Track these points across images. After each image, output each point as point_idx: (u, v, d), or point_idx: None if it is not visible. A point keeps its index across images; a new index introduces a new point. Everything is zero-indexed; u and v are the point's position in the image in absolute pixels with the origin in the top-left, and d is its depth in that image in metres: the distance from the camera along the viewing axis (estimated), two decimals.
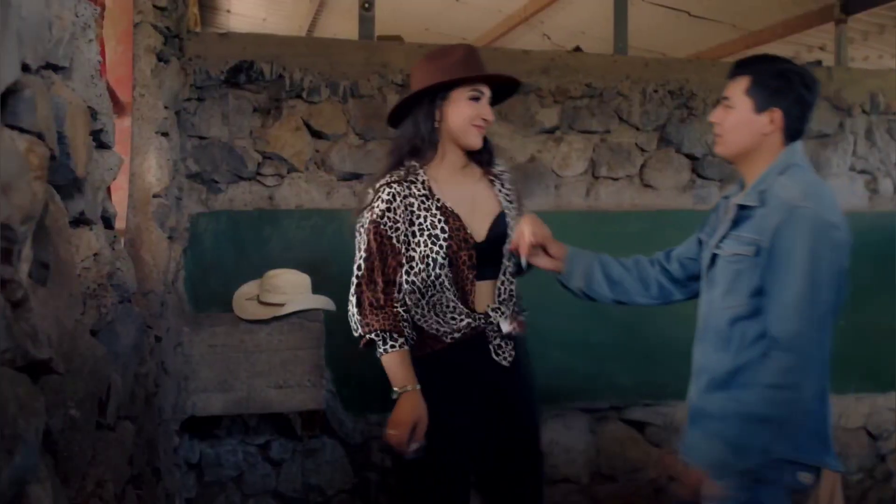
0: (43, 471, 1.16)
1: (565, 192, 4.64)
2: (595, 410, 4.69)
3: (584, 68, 4.62)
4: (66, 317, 1.31)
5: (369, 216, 2.56)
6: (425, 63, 2.63)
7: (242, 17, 8.29)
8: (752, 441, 2.14)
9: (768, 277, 2.18)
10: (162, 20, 3.45)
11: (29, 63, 1.11)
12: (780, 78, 2.30)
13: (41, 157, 1.07)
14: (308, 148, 4.36)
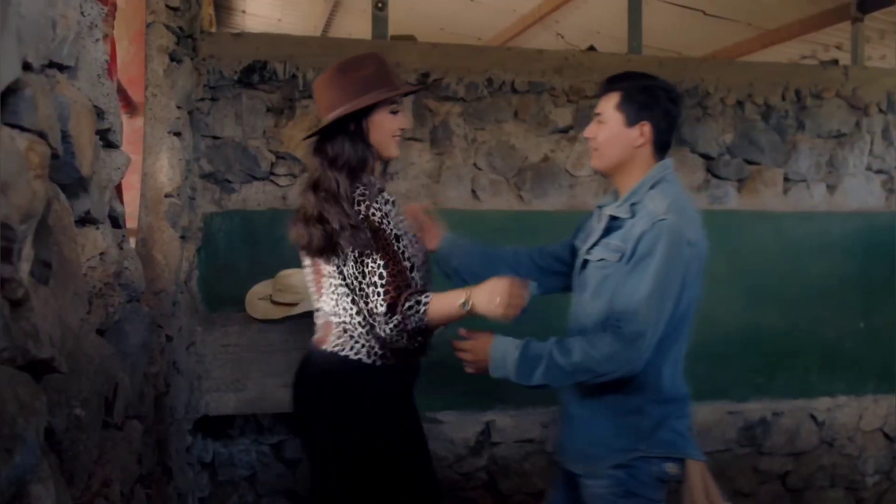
0: (45, 470, 1.15)
1: (579, 191, 4.62)
2: None
3: (598, 68, 4.60)
4: (71, 316, 1.31)
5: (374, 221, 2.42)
6: (339, 77, 2.51)
7: (258, 17, 8.30)
8: (546, 378, 2.35)
9: (624, 276, 2.33)
10: (174, 20, 3.45)
11: (31, 62, 1.11)
12: (648, 93, 2.47)
13: (42, 156, 1.07)
14: None
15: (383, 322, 2.34)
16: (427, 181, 4.46)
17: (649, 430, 2.38)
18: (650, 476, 2.38)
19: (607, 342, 2.26)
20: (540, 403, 4.55)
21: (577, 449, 2.50)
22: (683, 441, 2.43)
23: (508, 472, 4.55)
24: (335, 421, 2.45)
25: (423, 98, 4.45)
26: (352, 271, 2.37)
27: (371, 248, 2.35)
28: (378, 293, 2.34)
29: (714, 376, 4.72)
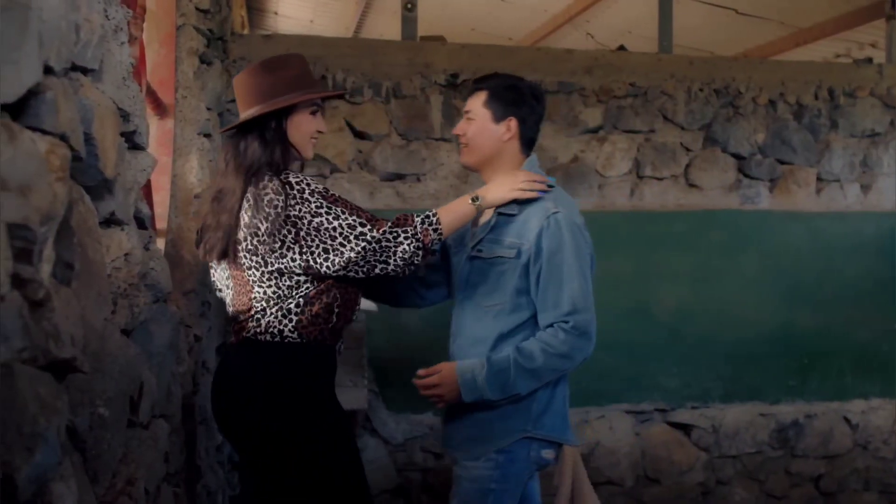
0: (67, 468, 1.17)
1: (609, 192, 4.60)
2: (639, 412, 4.64)
3: (628, 67, 4.59)
4: (94, 316, 1.32)
5: (314, 195, 2.31)
6: (264, 75, 2.45)
7: (290, 19, 8.34)
8: (518, 387, 2.41)
9: (543, 276, 2.43)
10: (204, 23, 3.48)
11: (52, 65, 1.12)
12: (513, 91, 2.63)
13: (62, 159, 1.08)
14: (351, 148, 4.37)
15: (395, 240, 2.29)
16: (456, 182, 4.47)
17: (538, 414, 2.51)
18: (528, 460, 2.53)
19: (562, 340, 2.39)
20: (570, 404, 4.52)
21: (464, 435, 2.57)
22: (564, 426, 2.59)
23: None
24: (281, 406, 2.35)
25: (453, 98, 4.45)
26: (313, 234, 2.28)
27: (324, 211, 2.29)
28: (363, 231, 2.28)
29: (746, 378, 4.69)
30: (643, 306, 4.60)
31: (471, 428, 2.54)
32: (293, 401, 2.33)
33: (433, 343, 4.40)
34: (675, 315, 4.63)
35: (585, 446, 4.56)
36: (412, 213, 2.37)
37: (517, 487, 2.55)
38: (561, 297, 2.40)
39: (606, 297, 4.54)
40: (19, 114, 1.07)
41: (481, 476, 2.50)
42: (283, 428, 2.30)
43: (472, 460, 2.52)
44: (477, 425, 2.52)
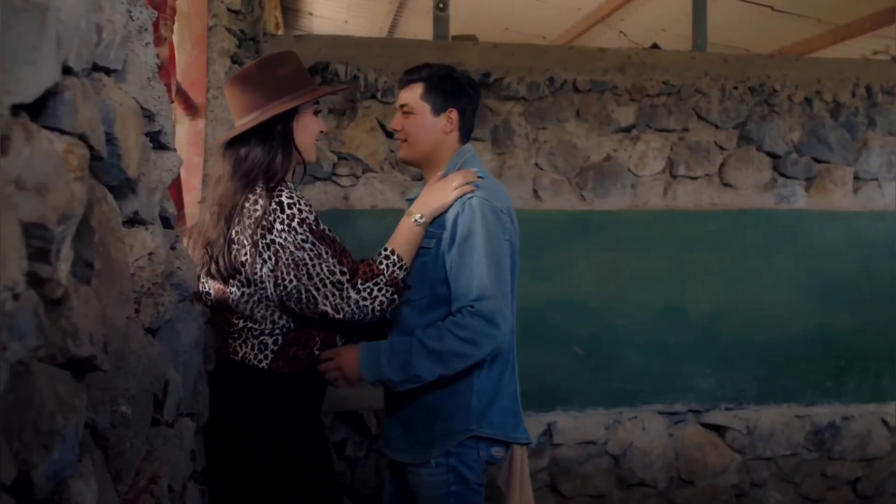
0: (87, 466, 1.17)
1: (642, 191, 4.57)
2: (673, 413, 4.61)
3: (662, 65, 4.56)
4: (116, 315, 1.33)
5: (302, 226, 2.26)
6: (260, 75, 2.36)
7: (324, 19, 8.38)
8: (419, 368, 2.34)
9: (455, 262, 2.38)
10: (236, 23, 3.51)
11: (72, 66, 1.13)
12: (451, 80, 2.60)
13: (80, 159, 1.09)
14: (382, 148, 4.38)
15: (370, 296, 2.27)
16: None
17: (481, 410, 2.45)
18: (478, 461, 2.48)
19: (466, 324, 2.32)
20: (601, 405, 4.52)
21: (407, 438, 2.52)
22: (514, 424, 2.55)
23: (570, 474, 4.53)
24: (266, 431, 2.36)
25: (485, 98, 4.44)
26: (292, 277, 2.24)
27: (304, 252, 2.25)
28: (340, 280, 2.25)
29: (781, 379, 4.64)
30: (676, 306, 4.57)
31: (412, 430, 2.50)
32: (265, 429, 2.33)
33: None
34: (709, 315, 4.59)
35: (618, 447, 4.54)
36: (374, 259, 2.33)
37: (479, 485, 2.52)
38: (471, 282, 2.34)
39: (639, 297, 4.56)
40: (38, 114, 1.08)
41: (437, 481, 2.45)
42: (256, 457, 2.33)
43: (422, 466, 2.47)
44: (418, 427, 2.48)
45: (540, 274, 4.46)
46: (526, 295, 4.45)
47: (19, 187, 0.94)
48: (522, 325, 4.44)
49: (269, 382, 2.34)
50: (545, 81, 4.48)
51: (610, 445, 4.56)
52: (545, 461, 4.53)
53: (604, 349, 4.51)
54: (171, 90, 2.60)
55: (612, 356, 4.53)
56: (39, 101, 1.07)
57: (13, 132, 0.93)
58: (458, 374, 2.41)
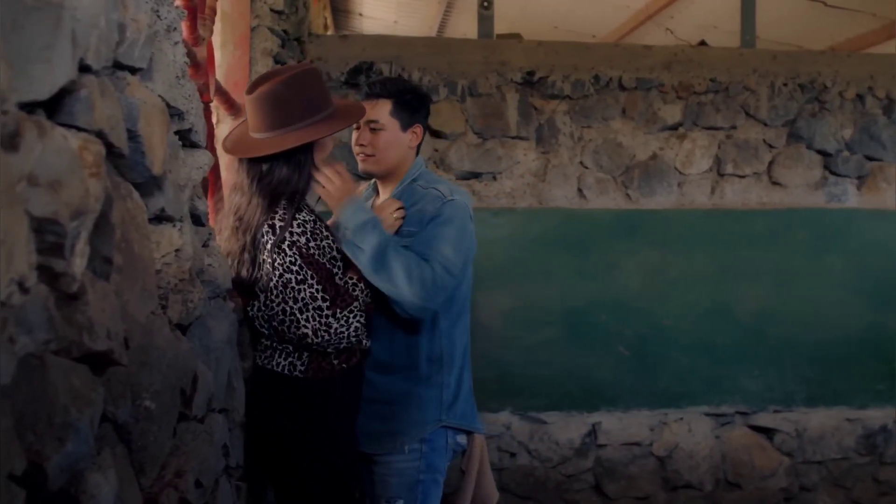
0: (106, 459, 1.19)
1: (688, 190, 4.52)
2: (720, 415, 4.55)
3: (709, 62, 4.50)
4: (138, 310, 1.34)
5: (288, 247, 2.27)
6: (286, 93, 2.31)
7: (374, 20, 8.42)
8: (365, 240, 2.36)
9: (429, 232, 2.48)
10: (279, 24, 3.53)
11: (90, 64, 1.15)
12: (417, 97, 2.68)
13: (96, 155, 1.10)
14: (427, 147, 4.38)
15: (347, 324, 2.30)
16: (532, 180, 4.44)
17: (450, 401, 2.60)
18: (445, 447, 2.61)
19: (427, 270, 2.39)
20: (647, 406, 4.47)
21: (382, 429, 2.58)
22: (472, 414, 2.71)
23: (615, 475, 4.49)
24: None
25: (529, 96, 4.43)
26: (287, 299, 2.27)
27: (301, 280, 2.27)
28: (320, 306, 2.27)
29: (831, 381, 4.56)
30: (724, 307, 4.51)
31: (388, 421, 2.57)
32: (299, 437, 2.35)
33: (511, 340, 4.40)
34: (758, 316, 4.52)
35: (663, 448, 4.50)
36: (347, 286, 2.35)
37: (441, 475, 2.63)
38: (439, 246, 2.45)
39: (686, 296, 4.51)
40: (55, 111, 1.09)
41: (407, 468, 2.56)
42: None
43: (391, 454, 2.56)
44: (394, 418, 2.57)
45: (585, 273, 4.44)
46: (571, 295, 4.45)
47: (31, 183, 0.96)
48: (567, 325, 4.45)
49: (299, 391, 2.35)
50: (590, 79, 4.45)
51: (655, 447, 4.51)
52: (590, 462, 4.50)
53: (649, 349, 4.47)
54: (210, 89, 2.62)
55: (657, 357, 4.48)
56: (56, 99, 1.09)
57: (25, 129, 0.94)
58: (433, 370, 2.58)
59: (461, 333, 2.66)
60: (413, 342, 2.57)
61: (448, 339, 2.60)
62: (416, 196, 2.59)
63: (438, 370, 2.59)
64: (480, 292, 4.40)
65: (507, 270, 4.41)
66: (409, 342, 2.56)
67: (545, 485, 4.47)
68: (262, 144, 2.31)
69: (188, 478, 1.55)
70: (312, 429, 2.35)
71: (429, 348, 2.58)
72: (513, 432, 4.44)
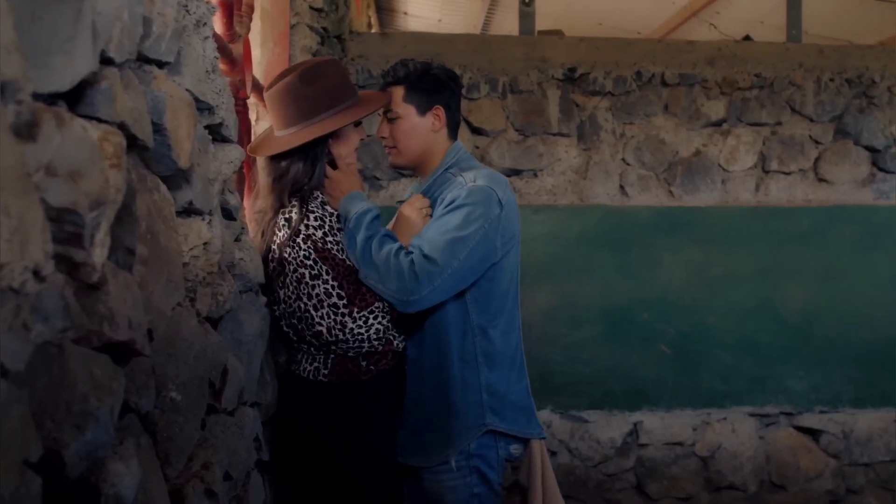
0: (129, 449, 1.20)
1: (732, 187, 4.47)
2: (764, 415, 4.49)
3: (754, 57, 4.44)
4: (163, 302, 1.35)
5: (303, 241, 2.23)
6: (303, 88, 2.27)
7: (419, 18, 8.44)
8: (354, 232, 2.26)
9: (437, 219, 2.33)
10: (319, 21, 3.55)
11: (112, 56, 1.15)
12: (431, 77, 2.50)
13: (117, 146, 1.11)
14: (467, 144, 4.38)
15: (365, 324, 2.23)
16: (574, 177, 4.42)
17: (494, 406, 2.40)
18: (498, 459, 2.42)
19: (403, 261, 2.22)
20: (689, 405, 4.43)
21: (422, 441, 2.44)
22: (528, 420, 2.48)
23: (656, 475, 4.45)
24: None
25: (570, 93, 4.40)
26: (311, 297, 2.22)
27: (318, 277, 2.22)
28: (336, 304, 2.21)
29: (880, 382, 4.48)
30: (768, 305, 4.45)
31: (428, 432, 2.42)
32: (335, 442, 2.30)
33: (552, 338, 4.38)
34: (803, 315, 4.45)
35: (706, 448, 4.45)
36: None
37: (497, 486, 2.45)
38: (434, 234, 2.28)
39: (729, 295, 4.45)
40: (77, 103, 1.10)
41: (460, 485, 2.39)
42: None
43: (439, 471, 2.41)
44: (434, 428, 2.41)
45: (626, 271, 4.40)
46: (612, 293, 4.42)
47: (50, 173, 0.97)
48: (609, 323, 4.41)
49: (325, 395, 2.30)
50: (632, 75, 4.41)
51: (698, 447, 4.46)
52: (631, 461, 4.46)
53: (692, 348, 4.42)
54: (246, 86, 2.64)
55: (700, 356, 4.44)
56: (78, 91, 1.10)
57: (43, 119, 0.95)
58: (467, 371, 2.40)
59: (504, 332, 2.46)
60: (443, 341, 2.40)
61: (484, 337, 2.40)
62: (446, 185, 2.44)
63: (474, 371, 2.40)
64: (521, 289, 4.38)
65: (548, 268, 4.40)
66: (439, 341, 2.40)
67: (586, 484, 4.44)
68: (279, 142, 2.29)
69: (215, 470, 1.56)
70: (342, 434, 2.30)
71: (460, 348, 2.39)
72: (553, 431, 4.42)
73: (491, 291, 2.42)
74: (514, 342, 2.51)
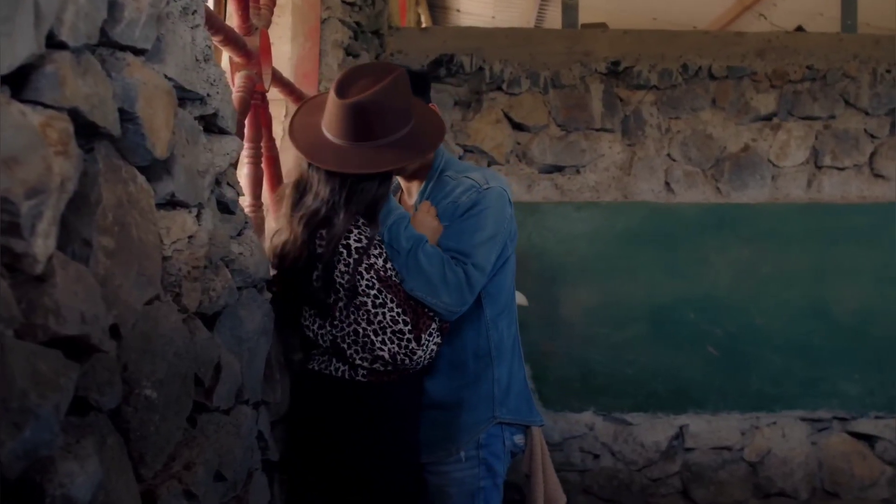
0: (86, 448, 1.16)
1: (783, 183, 4.33)
2: (816, 420, 4.33)
3: (806, 49, 4.29)
4: (133, 296, 1.31)
5: (365, 270, 2.16)
6: (394, 96, 2.17)
7: (472, 15, 8.39)
8: (399, 240, 2.23)
9: (460, 224, 2.30)
10: (351, 15, 3.51)
11: (64, 40, 1.11)
12: (420, 79, 2.46)
13: (62, 132, 1.06)
14: (509, 140, 4.31)
15: (425, 347, 2.20)
16: (617, 173, 4.32)
17: (501, 397, 2.43)
18: (503, 450, 2.44)
19: (459, 273, 2.23)
20: (737, 409, 4.30)
21: (433, 436, 2.42)
22: (528, 408, 2.51)
23: (703, 480, 4.33)
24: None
25: (614, 87, 4.30)
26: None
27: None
28: (402, 330, 2.16)
29: None
30: (820, 306, 4.30)
31: (438, 427, 2.41)
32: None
33: (595, 338, 4.29)
34: (857, 315, 4.29)
35: (755, 454, 4.32)
36: (422, 308, 2.22)
37: (501, 479, 2.47)
38: (469, 241, 2.27)
39: (779, 294, 4.31)
40: (22, 88, 1.06)
41: (466, 477, 2.40)
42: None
43: (446, 463, 2.41)
44: (445, 423, 2.41)
45: (672, 270, 4.29)
46: (657, 292, 4.31)
47: None
48: (653, 323, 4.30)
49: (361, 395, 2.24)
50: (678, 68, 4.30)
51: (746, 452, 4.33)
52: (676, 466, 4.35)
53: (740, 350, 4.29)
54: (265, 79, 2.60)
55: (749, 357, 4.31)
56: (23, 75, 1.06)
57: None
58: (481, 366, 2.41)
59: (509, 324, 2.48)
60: (458, 337, 2.39)
61: (496, 330, 2.43)
62: (448, 188, 2.39)
63: (487, 365, 2.42)
64: (563, 288, 4.31)
65: (590, 266, 4.30)
66: (454, 337, 2.37)
67: (629, 488, 4.33)
68: (358, 159, 2.17)
69: (198, 470, 1.51)
70: (376, 434, 2.24)
71: (475, 343, 2.41)
72: (596, 433, 4.33)
73: (502, 284, 2.45)
74: (514, 332, 2.54)
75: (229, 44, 2.26)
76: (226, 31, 2.20)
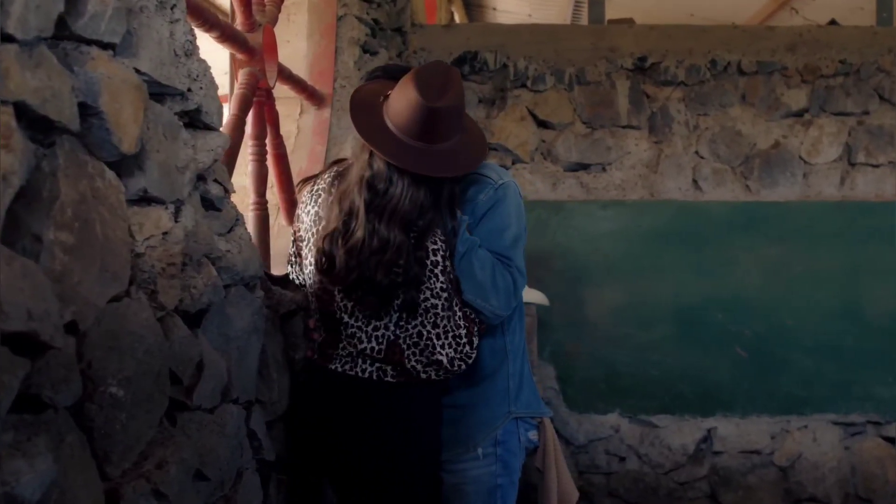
0: (38, 446, 1.14)
1: (815, 180, 4.23)
2: (849, 424, 4.23)
3: (838, 43, 4.19)
4: (95, 293, 1.29)
5: (441, 272, 2.16)
6: (461, 99, 2.17)
7: (508, 13, 8.34)
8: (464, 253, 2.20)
9: (488, 227, 2.26)
10: (368, 12, 3.48)
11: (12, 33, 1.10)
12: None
13: (3, 126, 1.05)
14: (533, 138, 4.27)
15: (474, 347, 2.22)
16: (644, 171, 4.25)
17: (515, 392, 2.41)
18: (519, 446, 2.42)
19: (508, 278, 2.24)
20: (767, 412, 4.21)
21: (449, 434, 2.37)
22: (537, 400, 2.49)
23: (731, 485, 4.25)
24: None
25: (641, 83, 4.24)
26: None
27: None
28: (459, 335, 2.17)
29: None
30: (854, 307, 4.19)
31: (454, 426, 2.36)
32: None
33: (621, 338, 4.22)
34: (891, 317, 4.18)
35: (785, 458, 4.22)
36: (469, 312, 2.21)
37: (517, 475, 2.44)
38: (511, 245, 2.27)
39: (810, 295, 4.21)
40: None
41: (483, 474, 2.35)
42: None
43: (463, 460, 2.36)
44: (463, 420, 2.37)
45: (700, 269, 4.22)
46: (685, 291, 4.24)
47: None
48: (680, 324, 4.23)
49: (387, 395, 2.20)
50: (706, 64, 4.22)
51: (776, 456, 4.23)
52: (704, 469, 4.27)
53: (770, 351, 4.20)
54: (269, 76, 2.59)
55: (779, 359, 4.21)
56: None
57: None
58: (496, 362, 2.38)
59: (520, 318, 2.46)
60: None
61: (510, 327, 2.41)
62: (462, 185, 2.28)
63: (502, 361, 2.39)
64: (588, 288, 4.25)
65: (616, 266, 4.24)
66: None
67: (656, 491, 4.26)
68: (446, 162, 2.15)
69: (170, 469, 1.49)
70: (404, 436, 2.21)
71: (492, 340, 2.37)
72: (622, 435, 4.26)
73: None
74: (523, 326, 2.52)
75: (227, 40, 2.25)
76: (222, 28, 2.19)
